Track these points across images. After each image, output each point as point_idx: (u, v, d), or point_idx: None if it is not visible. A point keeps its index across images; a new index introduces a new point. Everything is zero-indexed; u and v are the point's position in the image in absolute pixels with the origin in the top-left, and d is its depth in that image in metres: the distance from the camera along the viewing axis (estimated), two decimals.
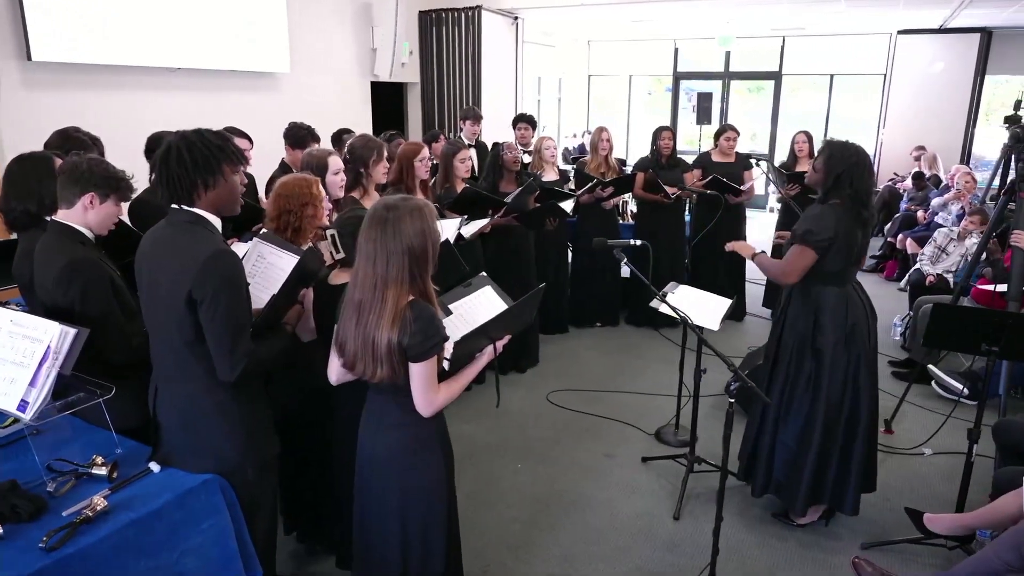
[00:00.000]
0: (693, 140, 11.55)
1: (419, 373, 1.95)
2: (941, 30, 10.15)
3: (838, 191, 2.86)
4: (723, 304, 3.35)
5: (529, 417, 4.37)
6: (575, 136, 12.84)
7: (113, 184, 2.38)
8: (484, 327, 2.10)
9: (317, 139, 4.41)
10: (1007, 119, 6.67)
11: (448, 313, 2.26)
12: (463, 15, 8.44)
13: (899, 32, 10.48)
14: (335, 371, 2.13)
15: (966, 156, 10.40)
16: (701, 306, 3.28)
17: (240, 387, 2.03)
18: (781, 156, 11.61)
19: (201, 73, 5.84)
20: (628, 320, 6.12)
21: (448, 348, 2.00)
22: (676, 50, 12.44)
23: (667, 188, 5.54)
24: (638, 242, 2.85)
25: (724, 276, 5.91)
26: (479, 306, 2.27)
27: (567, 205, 4.74)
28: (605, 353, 5.43)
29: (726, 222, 5.60)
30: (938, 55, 10.33)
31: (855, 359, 2.96)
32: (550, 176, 5.49)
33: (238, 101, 6.22)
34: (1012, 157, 6.67)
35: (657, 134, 5.80)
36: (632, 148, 12.87)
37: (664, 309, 3.08)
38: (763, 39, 11.70)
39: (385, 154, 3.60)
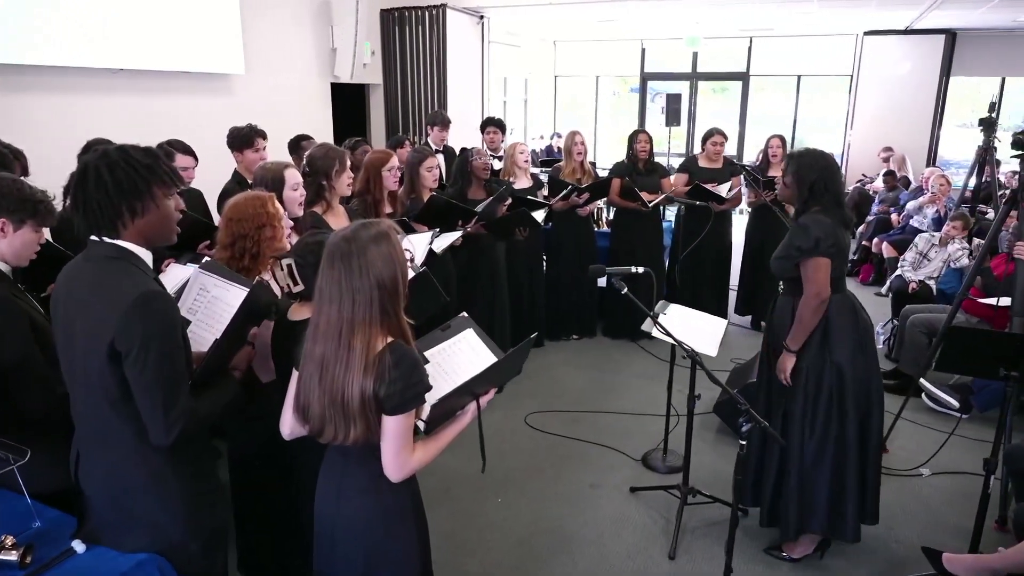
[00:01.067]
0: (661, 141, 11.39)
1: (394, 429, 1.66)
2: (907, 31, 10.15)
3: (816, 199, 2.71)
4: (719, 326, 3.12)
5: (508, 443, 4.09)
6: (542, 138, 12.61)
7: (29, 208, 2.04)
8: (468, 384, 1.82)
9: (263, 135, 4.08)
10: (982, 121, 6.60)
11: (424, 362, 1.98)
12: (427, 14, 8.12)
13: (865, 33, 10.45)
14: (288, 424, 1.83)
15: (932, 157, 10.42)
16: (695, 328, 3.03)
17: (178, 450, 1.71)
18: (749, 157, 11.56)
19: (146, 74, 5.43)
20: (605, 331, 5.88)
21: (425, 408, 1.71)
22: (643, 50, 12.28)
23: (644, 196, 5.31)
24: (640, 269, 2.57)
25: (708, 286, 5.73)
26: (459, 353, 1.99)
27: (539, 214, 4.47)
28: (583, 368, 5.17)
29: (713, 228, 5.35)
30: (904, 56, 10.32)
31: (868, 368, 2.76)
32: (523, 183, 5.22)
33: (188, 104, 5.82)
34: (986, 160, 6.63)
35: (633, 138, 5.57)
36: (600, 150, 12.69)
37: (657, 333, 2.82)
38: (731, 40, 11.61)
39: (348, 163, 3.29)
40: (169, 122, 5.28)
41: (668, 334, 2.76)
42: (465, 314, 2.16)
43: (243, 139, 3.98)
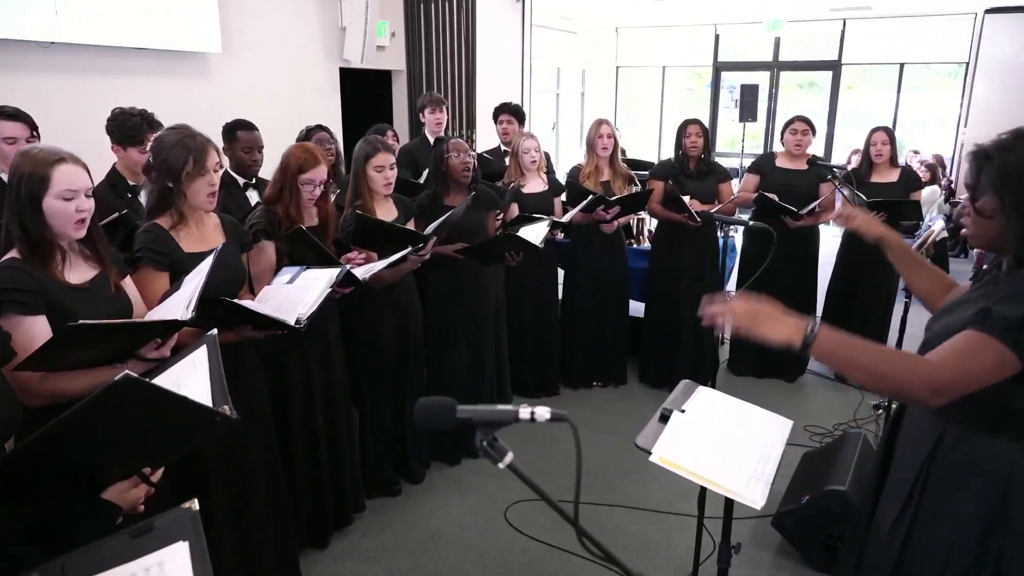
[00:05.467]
0: (735, 140, 9.97)
1: None
2: None
3: None
4: (776, 434, 1.84)
5: (474, 552, 2.91)
6: None
7: None
8: None
9: (158, 127, 3.04)
10: None
11: None
12: None
13: (987, 11, 8.73)
14: None
15: None
16: (733, 439, 1.78)
17: None
18: (839, 160, 9.94)
19: (87, 49, 4.52)
20: (642, 377, 4.61)
21: None
22: (717, 36, 10.83)
23: (694, 206, 4.04)
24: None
25: None
26: None
27: (540, 229, 3.28)
28: (601, 433, 3.92)
29: (792, 246, 3.99)
30: None
31: None
32: (534, 187, 4.05)
33: (149, 87, 4.89)
34: None
35: (682, 130, 4.32)
36: (665, 151, 11.33)
37: (657, 460, 1.61)
38: (820, 23, 10.02)
39: (212, 160, 2.18)
40: (119, 105, 4.38)
41: (681, 467, 1.53)
42: (193, 506, 1.02)
43: (127, 133, 2.92)
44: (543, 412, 0.95)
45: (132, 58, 4.78)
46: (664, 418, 1.82)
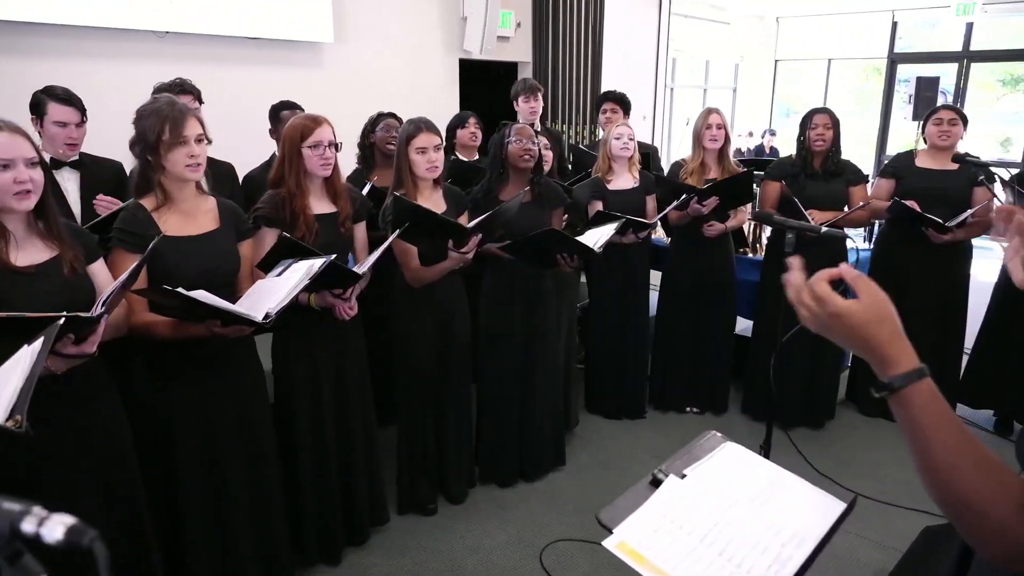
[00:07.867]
0: (908, 143, 8.73)
1: None
2: None
3: None
4: (812, 521, 1.31)
5: None
6: (751, 135, 10.41)
7: None
8: None
9: (194, 93, 2.97)
10: None
11: None
12: None
13: None
14: None
15: None
16: (738, 527, 1.28)
17: None
18: None
19: (201, 39, 4.63)
20: (744, 406, 4.00)
21: None
22: (894, 24, 9.56)
23: (813, 214, 3.41)
24: None
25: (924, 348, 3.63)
26: None
27: (600, 233, 2.84)
28: None
29: (934, 264, 3.35)
30: None
31: None
32: (623, 182, 3.60)
33: (260, 76, 4.96)
34: None
35: (807, 121, 3.66)
36: None
37: (614, 548, 1.18)
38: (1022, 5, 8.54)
39: (192, 130, 1.99)
40: (231, 95, 4.49)
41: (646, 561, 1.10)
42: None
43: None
44: (55, 529, 0.55)
45: (244, 47, 4.86)
46: (657, 482, 1.36)
